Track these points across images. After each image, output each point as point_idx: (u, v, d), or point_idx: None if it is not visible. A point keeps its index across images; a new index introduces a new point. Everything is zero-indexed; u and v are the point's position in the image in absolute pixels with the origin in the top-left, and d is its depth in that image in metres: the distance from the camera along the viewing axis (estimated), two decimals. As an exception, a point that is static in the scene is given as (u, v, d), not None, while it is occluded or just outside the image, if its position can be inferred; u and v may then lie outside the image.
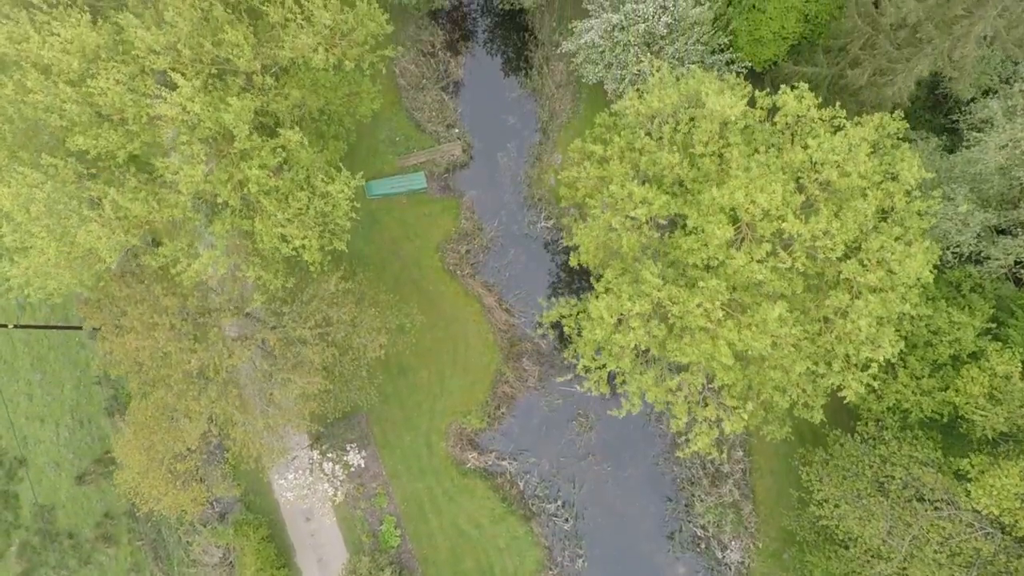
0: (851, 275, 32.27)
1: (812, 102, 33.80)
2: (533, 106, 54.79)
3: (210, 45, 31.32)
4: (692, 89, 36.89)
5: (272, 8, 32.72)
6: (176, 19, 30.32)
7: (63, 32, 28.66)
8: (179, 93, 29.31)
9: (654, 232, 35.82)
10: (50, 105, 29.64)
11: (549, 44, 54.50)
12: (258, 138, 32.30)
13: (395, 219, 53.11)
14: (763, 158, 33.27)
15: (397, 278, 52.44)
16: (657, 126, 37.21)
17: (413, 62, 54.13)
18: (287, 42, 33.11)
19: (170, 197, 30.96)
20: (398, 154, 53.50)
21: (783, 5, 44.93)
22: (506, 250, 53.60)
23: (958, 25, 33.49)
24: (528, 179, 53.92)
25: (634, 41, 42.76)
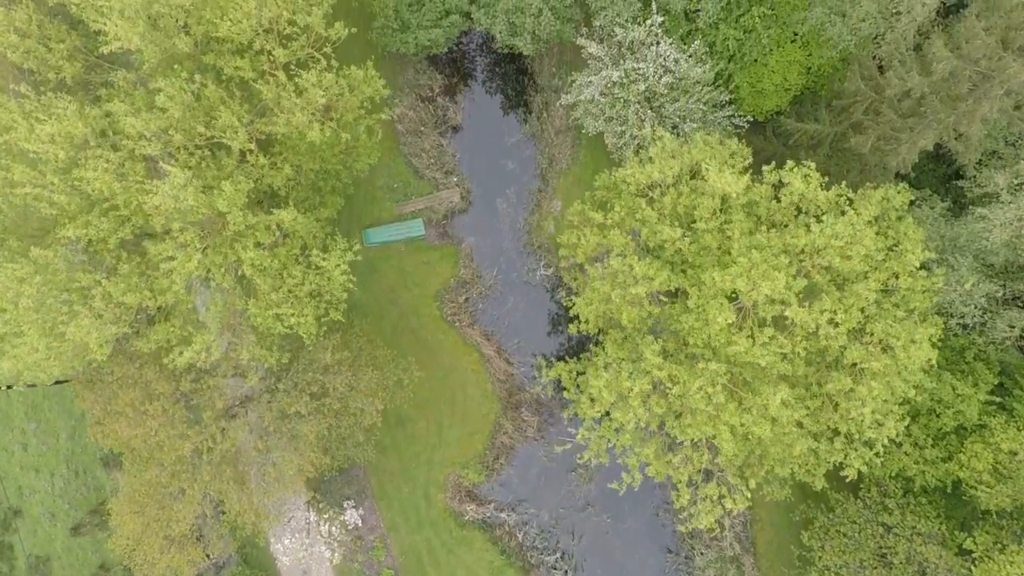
0: (855, 359, 31.81)
1: (818, 182, 33.29)
2: (532, 151, 54.21)
3: (203, 128, 30.77)
4: (694, 159, 36.41)
5: (266, 87, 32.15)
6: (167, 103, 29.75)
7: (49, 126, 28.12)
8: (171, 183, 28.78)
9: (654, 307, 35.36)
10: (38, 195, 29.14)
11: (549, 89, 53.90)
12: (252, 216, 31.77)
13: (393, 267, 52.59)
14: (765, 238, 32.74)
15: (395, 327, 51.97)
16: (658, 195, 36.70)
17: (411, 107, 53.51)
18: (281, 119, 32.57)
19: (163, 282, 30.47)
20: (396, 201, 52.97)
21: (785, 58, 44.41)
22: (505, 298, 53.14)
23: (963, 103, 32.92)
24: (527, 226, 53.41)
25: (634, 99, 42.17)
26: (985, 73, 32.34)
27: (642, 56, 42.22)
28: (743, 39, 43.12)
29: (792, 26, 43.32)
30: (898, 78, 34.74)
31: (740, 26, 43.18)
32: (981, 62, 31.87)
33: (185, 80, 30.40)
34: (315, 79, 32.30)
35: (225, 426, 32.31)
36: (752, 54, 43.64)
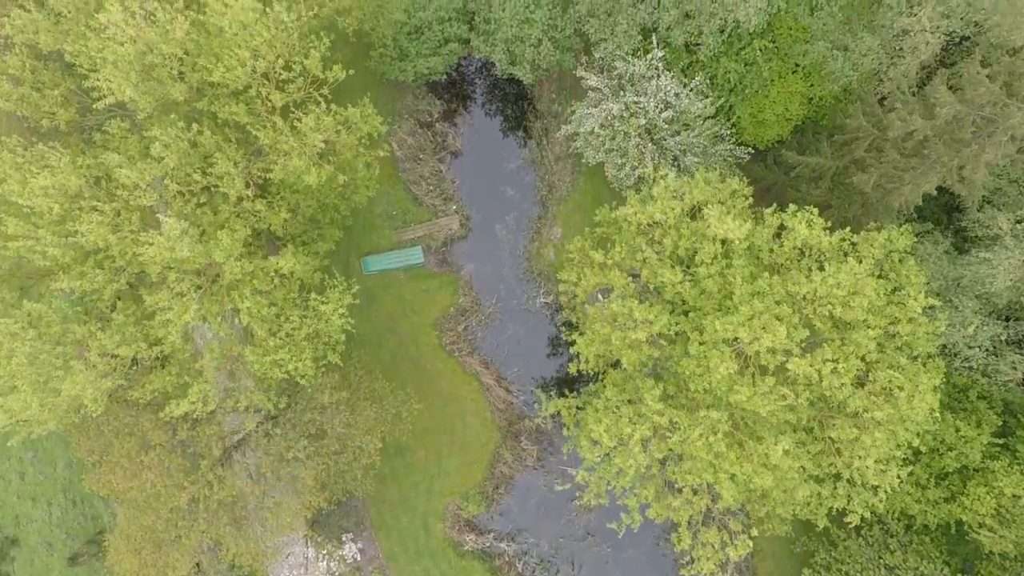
0: (857, 408, 31.52)
1: (821, 226, 32.98)
2: (532, 177, 53.85)
3: (199, 175, 30.44)
4: (695, 200, 36.10)
5: (263, 132, 31.81)
6: (163, 152, 29.42)
7: (42, 179, 27.78)
8: (166, 235, 28.45)
9: (655, 350, 35.07)
10: (31, 247, 28.82)
11: (549, 115, 53.54)
12: (249, 264, 31.45)
13: (392, 295, 52.25)
14: (767, 284, 32.42)
15: (394, 356, 51.66)
16: (659, 236, 36.38)
17: (410, 133, 53.14)
18: (278, 164, 32.25)
19: (159, 331, 30.16)
20: (395, 228, 52.63)
21: (787, 89, 44.06)
22: (505, 325, 52.83)
23: (967, 147, 32.60)
24: (527, 253, 53.06)
25: (634, 133, 41.80)
26: (989, 118, 32.01)
27: (642, 89, 41.90)
28: (744, 72, 42.76)
29: (793, 58, 42.98)
30: (900, 120, 34.39)
31: (741, 59, 42.82)
32: (985, 108, 31.53)
33: (181, 129, 30.05)
34: (313, 123, 31.94)
35: (222, 474, 32.02)
36: (753, 86, 43.30)
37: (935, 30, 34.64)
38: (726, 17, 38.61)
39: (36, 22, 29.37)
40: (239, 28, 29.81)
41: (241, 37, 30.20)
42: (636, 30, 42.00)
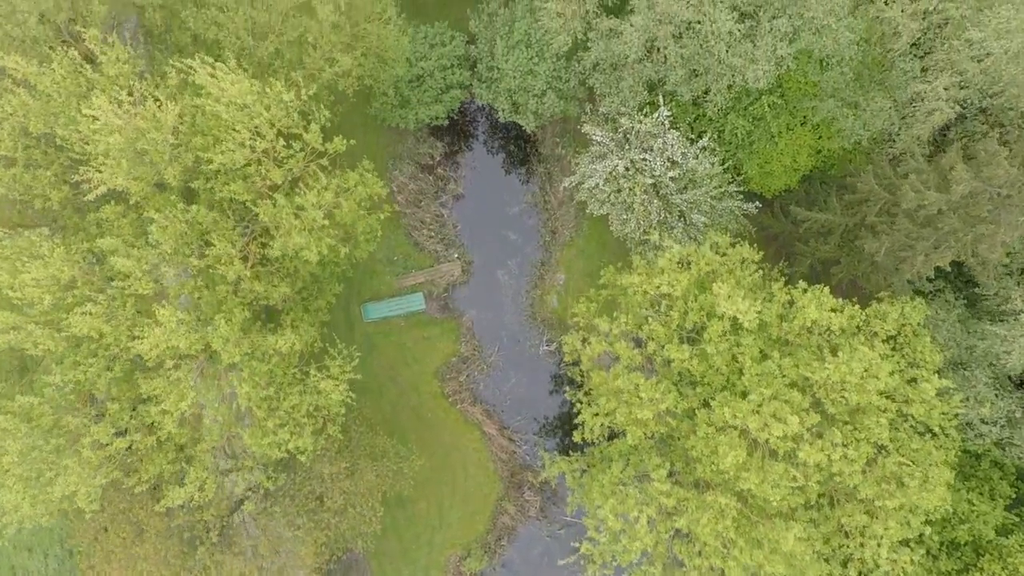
0: (869, 496, 30.83)
1: (832, 306, 32.23)
2: (535, 221, 53.05)
3: (196, 259, 29.66)
4: (702, 271, 35.35)
5: (262, 209, 31.03)
6: (160, 236, 28.61)
7: (34, 271, 27.00)
8: (163, 327, 27.68)
9: (661, 426, 34.36)
10: (22, 340, 28.08)
11: (552, 158, 52.77)
12: (247, 344, 30.71)
13: (393, 343, 51.50)
14: (776, 366, 31.65)
15: (395, 405, 50.97)
16: (665, 308, 35.61)
17: (411, 178, 52.35)
18: (278, 242, 31.46)
19: (155, 413, 29.43)
20: (396, 274, 51.82)
21: (795, 141, 43.28)
22: (507, 374, 52.12)
23: (983, 224, 31.80)
24: (530, 299, 52.30)
25: (640, 191, 40.92)
26: (1007, 195, 31.21)
27: (648, 145, 41.02)
28: (752, 128, 41.93)
29: (803, 111, 42.16)
30: (914, 191, 33.58)
31: (749, 114, 42.00)
32: (1003, 188, 30.72)
33: (181, 211, 29.28)
34: (314, 199, 31.14)
35: (220, 559, 31.36)
36: (761, 141, 42.50)
37: (950, 99, 33.79)
38: (734, 78, 37.71)
39: (26, 106, 28.53)
40: (237, 110, 28.99)
41: (240, 117, 29.39)
42: (642, 86, 41.13)
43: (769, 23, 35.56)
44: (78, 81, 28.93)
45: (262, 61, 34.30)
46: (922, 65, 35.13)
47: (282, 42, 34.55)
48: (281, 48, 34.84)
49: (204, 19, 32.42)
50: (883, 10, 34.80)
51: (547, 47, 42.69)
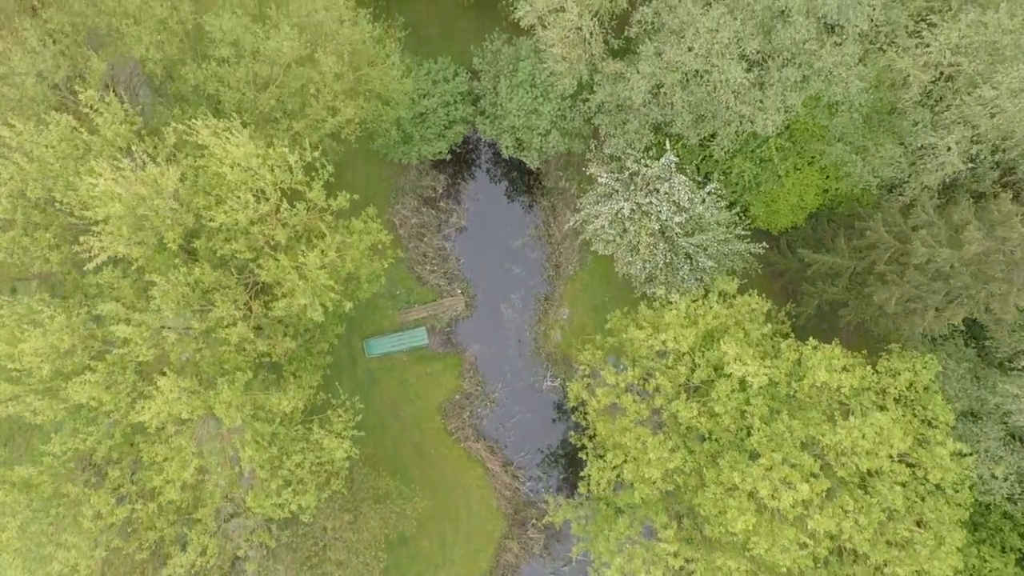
0: (880, 561, 30.47)
1: (841, 363, 31.81)
2: (539, 255, 52.58)
3: (196, 322, 29.21)
4: (709, 325, 34.92)
5: (265, 271, 30.57)
6: (163, 302, 28.16)
7: (32, 340, 26.54)
8: (163, 396, 27.25)
9: (668, 484, 33.98)
10: (21, 410, 27.65)
11: (556, 191, 52.29)
12: (249, 406, 30.31)
13: (395, 378, 51.06)
14: (786, 427, 31.25)
15: (397, 441, 50.55)
16: (672, 363, 35.18)
17: (413, 212, 51.87)
18: (281, 303, 31.02)
19: (157, 481, 29.02)
20: (398, 309, 51.36)
21: (802, 181, 42.85)
22: (510, 408, 51.70)
23: (996, 283, 31.37)
24: (533, 334, 51.85)
25: (646, 234, 40.43)
26: (1021, 256, 30.78)
27: (654, 188, 40.52)
28: (759, 170, 41.48)
29: (810, 152, 41.72)
30: (925, 246, 33.15)
31: (756, 156, 41.54)
32: (1017, 250, 30.31)
33: (184, 274, 28.83)
34: (317, 260, 30.66)
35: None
36: (768, 183, 42.06)
37: (962, 154, 33.33)
38: (742, 124, 37.21)
39: (23, 171, 28.03)
40: (241, 171, 28.54)
41: (243, 178, 28.94)
42: (647, 128, 40.64)
43: (778, 72, 35.06)
44: (75, 144, 28.43)
45: (263, 112, 33.80)
46: (933, 116, 34.62)
47: (284, 93, 34.05)
48: (283, 99, 34.34)
49: (205, 74, 31.91)
50: (894, 60, 34.29)
51: (552, 88, 42.18)
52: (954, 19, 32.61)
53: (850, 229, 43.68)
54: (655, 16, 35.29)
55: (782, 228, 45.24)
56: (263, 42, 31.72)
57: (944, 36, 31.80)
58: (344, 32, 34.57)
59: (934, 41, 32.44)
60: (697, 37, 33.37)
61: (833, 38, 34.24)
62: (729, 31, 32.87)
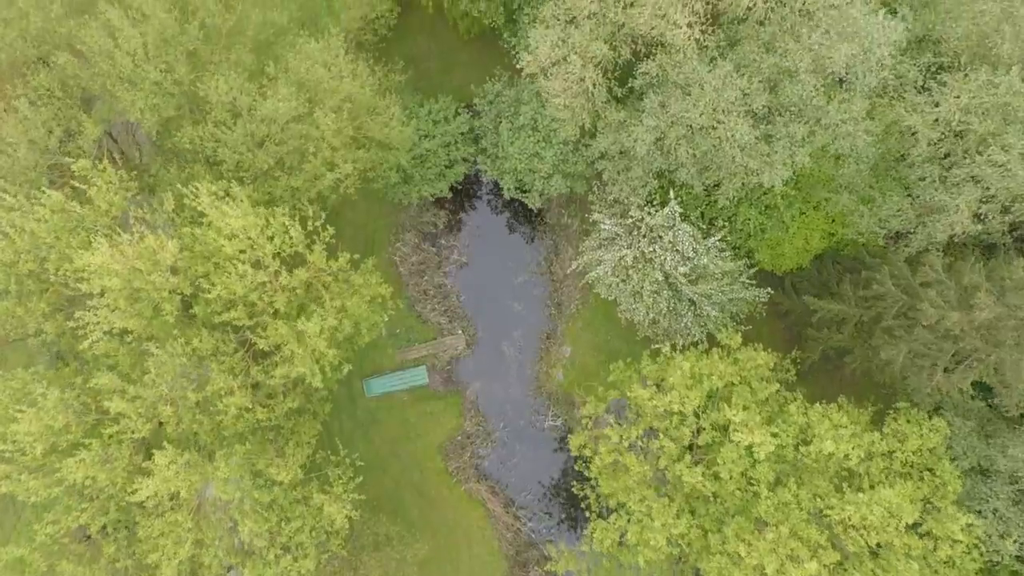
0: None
1: (847, 428, 31.33)
2: (540, 292, 52.04)
3: (192, 393, 28.71)
4: (714, 386, 34.43)
5: (262, 338, 30.04)
6: (159, 375, 27.64)
7: (25, 421, 26.03)
8: (159, 473, 26.74)
9: (674, 549, 33.51)
10: (13, 489, 27.16)
11: (558, 228, 51.74)
12: (249, 479, 29.82)
13: (395, 418, 50.57)
14: (792, 495, 30.77)
15: (397, 482, 50.07)
16: (676, 424, 34.66)
17: (414, 249, 51.33)
18: (280, 370, 30.51)
19: (153, 557, 28.52)
20: (398, 347, 50.83)
21: (807, 225, 42.31)
22: (512, 448, 51.22)
23: (1007, 349, 30.86)
24: (535, 373, 51.35)
25: (650, 283, 39.84)
26: (1032, 322, 30.29)
27: (657, 235, 39.92)
28: (764, 219, 40.92)
29: (816, 198, 41.18)
30: (934, 306, 32.63)
31: (761, 203, 40.99)
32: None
33: (182, 344, 28.32)
34: (317, 328, 30.13)
35: None
36: (774, 230, 41.52)
37: (972, 214, 32.80)
38: (748, 177, 36.61)
39: (15, 245, 27.46)
40: (240, 242, 28.00)
41: (242, 246, 28.42)
42: (651, 175, 40.06)
43: (785, 127, 34.45)
44: (67, 217, 27.87)
45: (261, 170, 33.24)
46: (942, 173, 34.07)
47: (282, 151, 33.49)
48: (281, 156, 33.78)
49: (202, 136, 31.33)
50: (903, 116, 33.71)
51: (554, 133, 41.56)
52: (964, 78, 32.00)
53: (855, 273, 43.17)
54: (660, 70, 34.63)
55: (787, 270, 44.74)
56: (260, 103, 31.13)
57: (954, 97, 31.21)
58: (344, 86, 33.97)
59: (944, 101, 31.85)
60: (703, 95, 32.75)
61: (841, 94, 33.63)
62: (735, 89, 32.25)
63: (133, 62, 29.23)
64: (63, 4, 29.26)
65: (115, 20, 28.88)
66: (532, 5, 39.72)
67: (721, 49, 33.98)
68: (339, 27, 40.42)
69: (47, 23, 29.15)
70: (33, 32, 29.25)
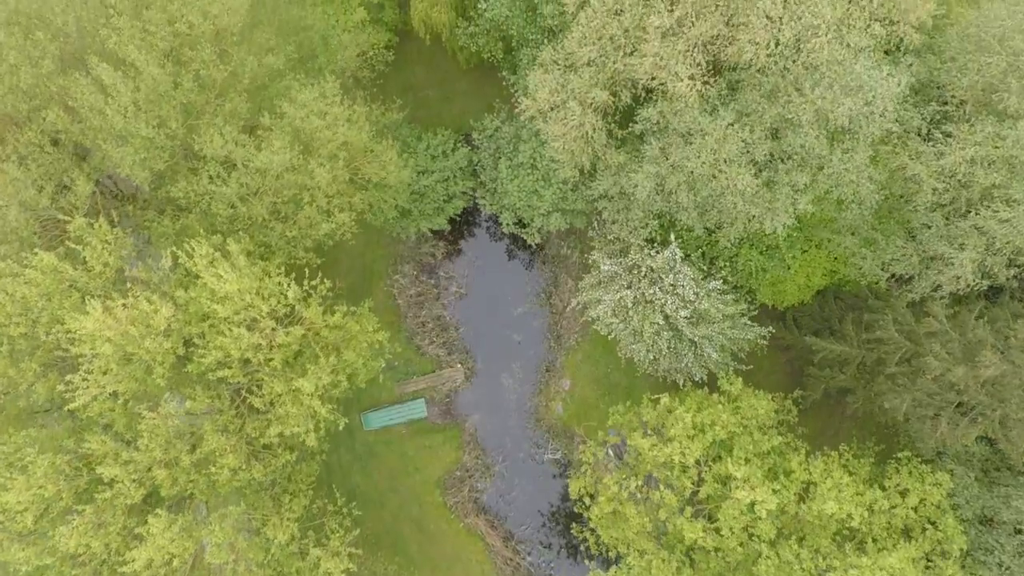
0: None
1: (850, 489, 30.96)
2: (540, 323, 51.61)
3: (186, 455, 28.35)
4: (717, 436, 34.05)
5: (257, 399, 29.67)
6: (151, 441, 27.27)
7: (14, 492, 25.66)
8: (151, 538, 26.40)
9: (675, 604, 33.18)
10: (4, 559, 26.83)
11: (558, 259, 51.31)
12: (245, 542, 29.48)
13: (394, 451, 50.25)
14: (794, 555, 30.42)
15: (395, 516, 49.81)
16: (677, 475, 34.29)
17: (412, 281, 50.92)
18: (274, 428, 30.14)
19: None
20: (396, 380, 50.46)
21: (809, 263, 41.93)
22: (511, 481, 50.88)
23: (1013, 407, 30.45)
24: (534, 405, 50.98)
25: (650, 326, 39.41)
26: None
27: (658, 277, 39.49)
28: (766, 259, 40.50)
29: (819, 237, 40.75)
30: (938, 359, 32.20)
31: (763, 244, 40.56)
32: (1035, 378, 29.42)
33: (175, 407, 27.95)
34: (312, 386, 29.75)
35: None
36: (776, 270, 41.11)
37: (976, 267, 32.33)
38: (750, 223, 36.15)
39: (8, 313, 27.06)
40: (235, 304, 27.61)
41: (237, 308, 28.04)
42: (652, 216, 39.61)
43: (787, 175, 33.96)
44: (60, 278, 27.45)
45: (256, 222, 32.82)
46: (947, 223, 33.61)
47: (277, 200, 33.06)
48: (277, 206, 33.36)
49: (196, 191, 30.89)
50: (907, 164, 33.23)
51: (553, 173, 41.08)
52: (970, 129, 31.51)
53: (858, 311, 42.77)
54: (660, 117, 34.14)
55: (788, 305, 44.38)
56: (255, 156, 30.68)
57: (959, 149, 30.73)
58: (339, 134, 33.50)
59: (949, 152, 31.37)
60: (704, 145, 32.27)
61: (844, 143, 33.13)
62: (737, 141, 31.77)
63: (124, 118, 28.77)
64: (54, 60, 28.76)
65: (106, 77, 28.40)
66: (531, 45, 39.18)
67: (722, 97, 33.47)
68: (335, 65, 40.02)
69: (38, 79, 28.68)
70: (24, 87, 28.77)
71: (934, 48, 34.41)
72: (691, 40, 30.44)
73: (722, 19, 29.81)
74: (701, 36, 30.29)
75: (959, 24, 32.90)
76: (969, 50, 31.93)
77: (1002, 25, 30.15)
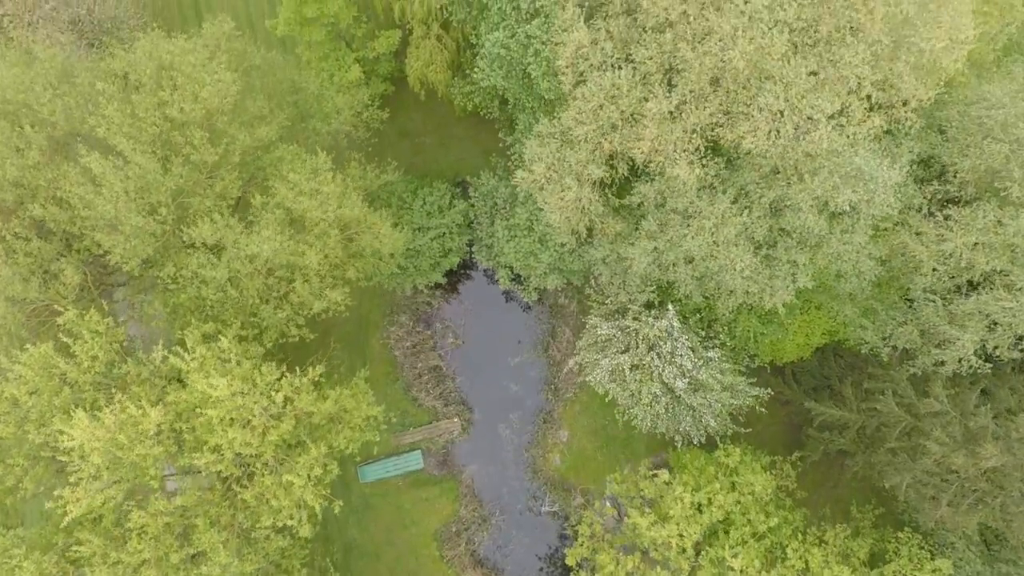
0: None
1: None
2: (537, 373, 51.24)
3: (175, 554, 28.04)
4: (715, 519, 33.72)
5: (247, 492, 29.33)
6: (142, 542, 26.96)
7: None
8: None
9: None
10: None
11: (555, 308, 50.91)
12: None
13: (390, 504, 49.96)
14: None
15: (392, 570, 49.55)
16: (675, 556, 33.97)
17: (408, 332, 50.51)
18: (266, 519, 29.81)
19: None
20: (393, 432, 50.09)
21: (808, 324, 41.59)
22: (508, 533, 50.56)
23: (1014, 497, 30.11)
24: (532, 457, 50.62)
25: (647, 393, 39.03)
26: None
27: (654, 343, 39.08)
28: (763, 326, 40.12)
29: (817, 301, 40.37)
30: (939, 444, 31.85)
31: (761, 309, 40.13)
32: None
33: (164, 504, 27.64)
34: (303, 479, 29.40)
35: None
36: (775, 335, 40.74)
37: (978, 349, 31.94)
38: (748, 298, 35.72)
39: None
40: (226, 406, 27.27)
41: (230, 407, 27.69)
42: (649, 284, 39.18)
43: (786, 252, 33.56)
44: (49, 375, 27.09)
45: (246, 307, 32.43)
46: (948, 306, 33.19)
47: (269, 282, 32.67)
48: (269, 286, 32.96)
49: (183, 273, 30.49)
50: (907, 244, 32.81)
51: (550, 237, 40.66)
52: (971, 214, 31.07)
53: (857, 371, 42.44)
54: (658, 195, 33.72)
55: (787, 361, 44.08)
56: (245, 241, 30.27)
57: (961, 236, 30.31)
58: (331, 212, 33.07)
59: (951, 239, 30.95)
60: (702, 228, 31.85)
61: (843, 224, 32.70)
62: (736, 224, 31.35)
63: (115, 207, 28.36)
64: (41, 151, 28.32)
65: (95, 166, 27.98)
66: (527, 112, 38.71)
67: (721, 176, 33.03)
68: (330, 127, 39.59)
69: (23, 170, 28.24)
70: (10, 178, 28.34)
71: (934, 124, 33.93)
72: (689, 127, 29.98)
73: (720, 109, 29.33)
74: (699, 123, 29.83)
75: (959, 103, 32.41)
76: (971, 131, 31.46)
77: (1004, 111, 29.68)
